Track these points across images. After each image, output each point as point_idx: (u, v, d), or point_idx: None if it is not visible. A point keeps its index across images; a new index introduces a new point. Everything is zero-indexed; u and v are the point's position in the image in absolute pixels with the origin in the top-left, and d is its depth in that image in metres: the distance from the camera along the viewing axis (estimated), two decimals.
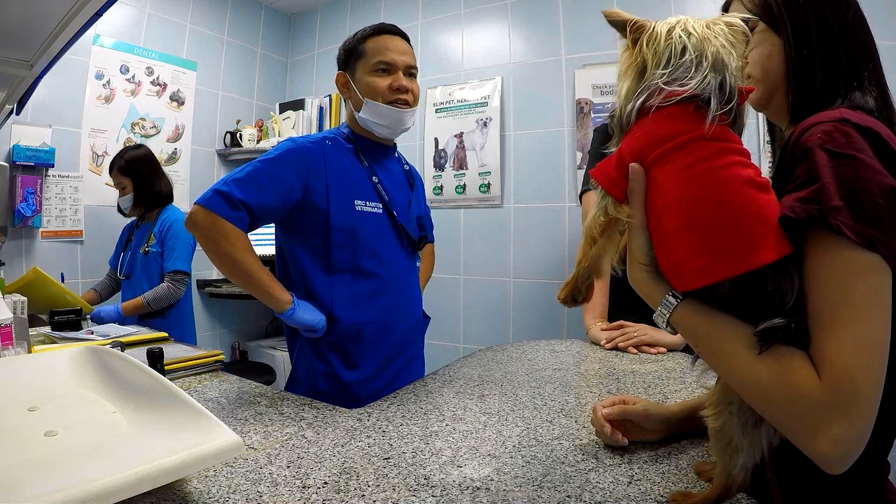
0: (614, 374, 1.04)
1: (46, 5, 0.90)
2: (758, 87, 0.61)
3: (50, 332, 1.31)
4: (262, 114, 3.11)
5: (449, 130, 2.61)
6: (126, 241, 2.09)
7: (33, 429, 0.59)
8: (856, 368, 0.43)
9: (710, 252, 0.48)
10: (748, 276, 0.46)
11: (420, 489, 0.57)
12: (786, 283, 0.46)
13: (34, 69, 1.17)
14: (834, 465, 0.43)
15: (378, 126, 1.13)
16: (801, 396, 0.44)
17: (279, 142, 1.06)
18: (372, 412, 0.81)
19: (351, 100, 1.17)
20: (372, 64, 1.11)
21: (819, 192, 0.45)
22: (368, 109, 1.12)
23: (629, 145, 0.52)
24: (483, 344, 2.38)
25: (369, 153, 1.17)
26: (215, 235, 0.97)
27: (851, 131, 0.47)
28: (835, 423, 0.42)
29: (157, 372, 0.69)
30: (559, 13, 2.37)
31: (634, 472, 0.61)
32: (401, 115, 1.13)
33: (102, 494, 0.42)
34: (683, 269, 0.50)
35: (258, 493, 0.55)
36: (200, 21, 2.81)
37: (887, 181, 0.45)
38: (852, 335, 0.44)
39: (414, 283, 1.24)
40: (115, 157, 2.01)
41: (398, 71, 1.12)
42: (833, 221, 0.44)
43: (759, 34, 0.59)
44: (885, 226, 0.44)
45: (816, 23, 0.55)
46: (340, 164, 1.10)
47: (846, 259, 0.44)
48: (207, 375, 1.04)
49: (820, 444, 0.43)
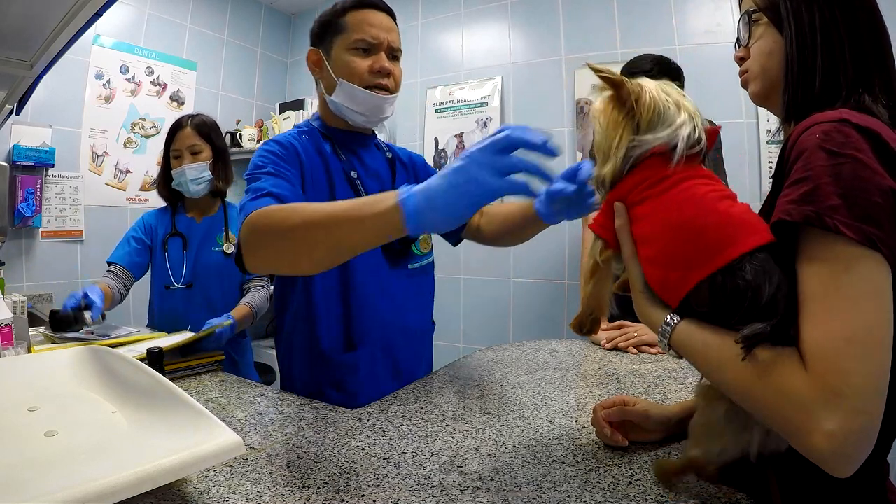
0: (614, 374, 1.04)
1: (46, 5, 0.90)
2: (755, 82, 0.61)
3: (50, 332, 1.31)
4: (262, 114, 3.11)
5: (449, 130, 2.61)
6: (166, 237, 1.60)
7: (33, 429, 0.59)
8: (845, 359, 0.41)
9: (683, 262, 0.52)
10: (718, 276, 0.48)
11: (420, 489, 0.57)
12: (759, 276, 0.47)
13: (34, 69, 1.17)
14: (834, 463, 0.42)
15: (352, 112, 0.99)
16: (788, 395, 0.43)
17: (258, 147, 0.94)
18: (372, 412, 0.81)
19: (322, 81, 1.02)
20: (352, 41, 0.96)
21: (815, 191, 0.45)
22: (342, 93, 0.97)
23: (614, 195, 0.58)
24: (483, 344, 2.38)
25: (345, 146, 1.03)
26: (258, 223, 0.72)
27: (851, 131, 0.46)
28: (826, 418, 0.41)
29: (157, 372, 0.69)
30: (559, 13, 2.37)
31: (634, 472, 0.61)
32: (380, 102, 0.98)
33: (102, 494, 0.42)
34: (667, 285, 0.54)
35: (258, 493, 0.55)
36: (200, 21, 2.81)
37: (886, 182, 0.44)
38: (842, 326, 0.42)
39: (406, 288, 1.05)
40: (183, 116, 1.63)
41: (381, 52, 0.97)
42: (829, 221, 0.43)
43: (762, 27, 0.58)
44: (885, 225, 0.43)
45: (822, 24, 0.54)
46: (315, 160, 0.97)
47: (843, 254, 0.44)
48: (207, 375, 1.04)
49: (815, 442, 0.41)
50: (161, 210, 1.67)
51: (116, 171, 2.49)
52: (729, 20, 2.03)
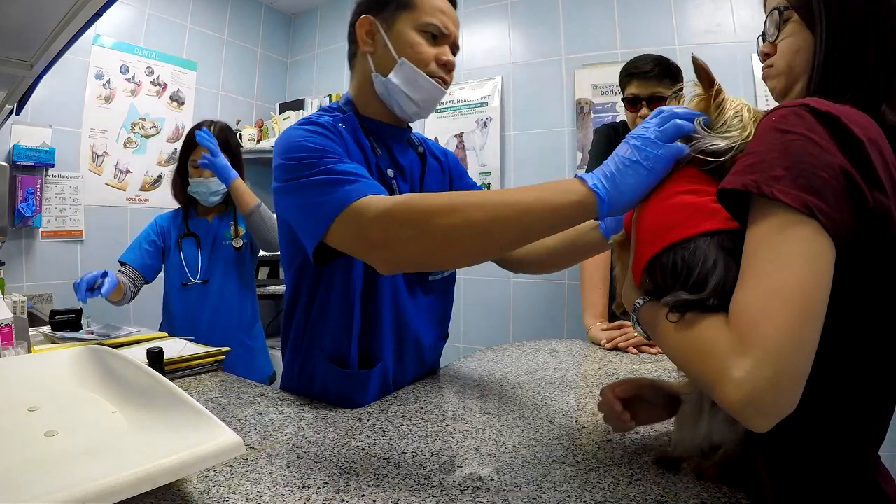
0: (614, 374, 1.04)
1: (46, 5, 0.90)
2: (780, 78, 0.61)
3: (50, 332, 1.31)
4: (263, 114, 3.11)
5: (449, 130, 2.62)
6: (180, 238, 1.69)
7: (33, 429, 0.59)
8: (761, 314, 0.42)
9: (640, 243, 0.57)
10: (661, 255, 0.53)
11: (420, 489, 0.57)
12: (694, 260, 0.50)
13: (34, 69, 1.17)
14: (743, 413, 0.42)
15: (406, 100, 0.86)
16: (707, 348, 0.45)
17: (285, 130, 0.82)
18: (372, 412, 0.81)
19: (373, 57, 0.87)
20: (422, 22, 0.84)
21: (760, 163, 0.46)
22: (402, 74, 0.84)
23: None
24: (483, 344, 2.38)
25: (379, 139, 0.91)
26: (402, 214, 0.64)
27: (807, 114, 0.47)
28: (735, 366, 0.42)
29: (157, 372, 0.69)
30: (559, 13, 2.37)
31: (634, 472, 0.61)
32: (438, 96, 0.89)
33: (102, 494, 0.42)
34: (634, 268, 0.59)
35: (258, 493, 0.55)
36: (200, 21, 2.81)
37: (836, 160, 0.44)
38: (766, 284, 0.43)
39: (426, 303, 0.99)
40: (203, 123, 1.68)
41: (447, 44, 0.88)
42: (767, 188, 0.44)
43: (792, 25, 0.58)
44: (828, 200, 0.44)
45: (853, 27, 0.54)
46: (356, 152, 0.85)
47: (779, 219, 0.44)
48: (207, 375, 1.04)
49: (727, 391, 0.42)
50: (174, 212, 1.75)
51: (116, 171, 2.49)
52: (729, 20, 2.03)
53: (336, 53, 3.10)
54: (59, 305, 1.83)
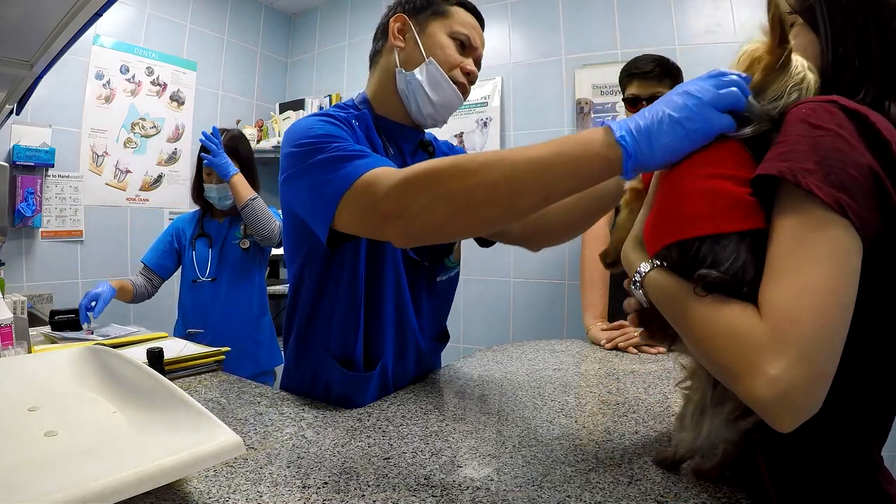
0: (614, 374, 1.04)
1: (46, 5, 0.90)
2: None
3: (50, 332, 1.31)
4: (262, 114, 3.11)
5: (449, 130, 2.61)
6: (194, 238, 1.80)
7: (33, 429, 0.59)
8: (798, 311, 0.42)
9: (666, 219, 0.54)
10: (691, 242, 0.50)
11: (420, 489, 0.57)
12: (723, 254, 0.48)
13: (34, 69, 1.17)
14: (774, 411, 0.42)
15: (425, 100, 0.88)
16: (739, 335, 0.44)
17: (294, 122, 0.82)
18: (372, 412, 0.81)
19: (401, 53, 0.89)
20: (454, 30, 0.89)
21: (792, 152, 0.46)
22: (427, 73, 0.87)
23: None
24: (483, 344, 2.38)
25: (392, 140, 0.92)
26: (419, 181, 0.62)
27: (836, 111, 0.47)
28: (771, 363, 0.41)
29: (157, 372, 0.69)
30: (559, 13, 2.37)
31: (634, 472, 0.61)
32: (457, 102, 0.91)
33: (102, 494, 0.42)
34: (648, 241, 0.57)
35: (258, 493, 0.55)
36: (200, 21, 2.81)
37: (864, 159, 0.44)
38: (800, 281, 0.43)
39: (432, 304, 0.99)
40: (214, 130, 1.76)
41: (472, 57, 0.92)
42: (804, 180, 0.44)
43: (796, 28, 0.59)
44: (857, 197, 0.44)
45: (854, 27, 0.55)
46: (365, 146, 0.82)
47: (813, 215, 0.44)
48: (207, 375, 1.04)
49: (758, 386, 0.42)
50: (192, 214, 1.89)
51: (116, 171, 2.49)
52: (729, 20, 2.03)
53: (336, 53, 3.10)
54: (59, 305, 1.83)
